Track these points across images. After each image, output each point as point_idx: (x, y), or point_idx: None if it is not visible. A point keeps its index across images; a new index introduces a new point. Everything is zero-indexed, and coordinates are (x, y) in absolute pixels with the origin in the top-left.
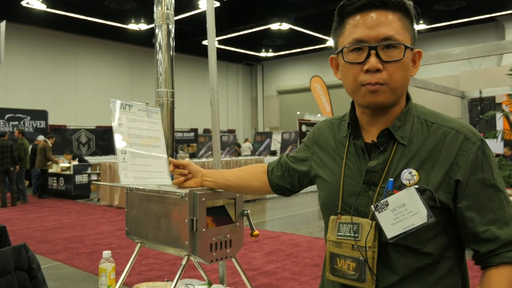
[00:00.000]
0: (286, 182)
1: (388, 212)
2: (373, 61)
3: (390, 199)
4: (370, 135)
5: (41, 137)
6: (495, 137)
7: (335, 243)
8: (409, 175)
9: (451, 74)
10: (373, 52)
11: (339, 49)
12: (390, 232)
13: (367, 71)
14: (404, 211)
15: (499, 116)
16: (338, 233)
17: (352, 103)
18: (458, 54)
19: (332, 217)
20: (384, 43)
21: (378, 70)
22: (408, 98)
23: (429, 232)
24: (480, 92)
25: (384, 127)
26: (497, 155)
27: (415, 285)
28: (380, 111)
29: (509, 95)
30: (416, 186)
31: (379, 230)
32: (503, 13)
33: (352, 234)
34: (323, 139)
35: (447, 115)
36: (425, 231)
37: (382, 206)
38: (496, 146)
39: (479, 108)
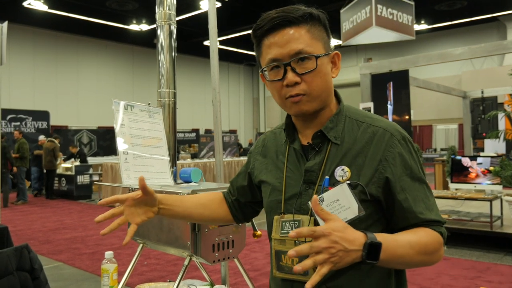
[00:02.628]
0: (246, 197)
1: (324, 207)
2: (290, 76)
3: (325, 195)
4: (306, 138)
5: (42, 137)
6: (497, 137)
7: (279, 241)
8: (341, 172)
9: (453, 74)
10: (288, 68)
11: (260, 69)
12: None
13: (287, 85)
14: (338, 206)
15: (501, 116)
16: (282, 231)
17: None
18: (460, 54)
19: (276, 216)
20: (297, 57)
21: (296, 83)
22: (339, 100)
23: (362, 224)
24: (482, 92)
25: (318, 129)
26: (499, 155)
27: (352, 272)
28: (309, 116)
29: (511, 95)
30: (348, 182)
31: (318, 225)
32: (505, 13)
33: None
34: (265, 148)
35: (376, 116)
36: (358, 223)
37: (319, 202)
38: (498, 146)
39: (481, 108)
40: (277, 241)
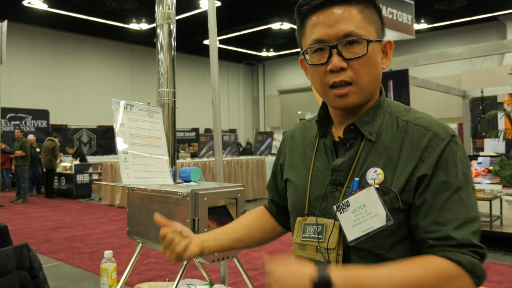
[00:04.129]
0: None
1: (349, 213)
2: (335, 60)
3: (351, 199)
4: (340, 133)
5: (31, 136)
6: (497, 136)
7: (300, 246)
8: (374, 174)
9: (452, 74)
10: (334, 51)
11: (302, 51)
12: (351, 234)
13: (332, 71)
14: (364, 213)
15: (500, 115)
16: (303, 235)
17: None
18: (460, 53)
19: (298, 218)
20: (345, 40)
21: (342, 69)
22: (381, 93)
23: (392, 237)
24: (482, 92)
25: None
26: (499, 155)
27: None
28: (352, 109)
29: (510, 94)
30: (377, 186)
31: (342, 230)
32: (505, 12)
33: (316, 236)
34: (293, 142)
35: (421, 112)
36: (387, 235)
37: (344, 207)
38: (498, 145)
39: (480, 107)
40: (298, 245)
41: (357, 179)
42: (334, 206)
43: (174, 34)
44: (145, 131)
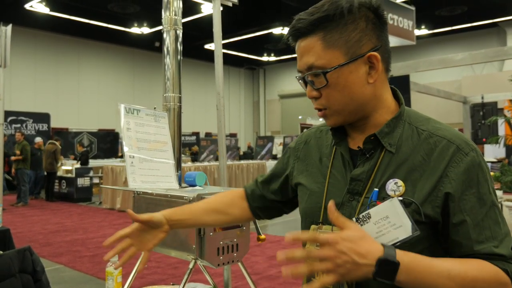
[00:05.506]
0: (276, 195)
1: (371, 225)
2: (308, 90)
3: (372, 211)
4: (356, 141)
5: (38, 139)
6: (498, 142)
7: None
8: (394, 185)
9: (452, 79)
10: (305, 81)
11: None
12: None
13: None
14: (387, 224)
15: (501, 121)
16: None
17: None
18: (461, 59)
19: (313, 226)
20: (309, 72)
21: (315, 97)
22: (400, 102)
23: (413, 249)
24: (482, 98)
25: (370, 133)
26: (499, 161)
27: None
28: (355, 123)
29: (511, 100)
30: (400, 198)
31: None
32: (505, 19)
33: None
34: (308, 147)
35: (441, 123)
36: (408, 247)
37: (364, 219)
38: (498, 151)
39: (481, 113)
40: None
41: (376, 189)
42: (354, 219)
43: (180, 40)
44: (152, 135)
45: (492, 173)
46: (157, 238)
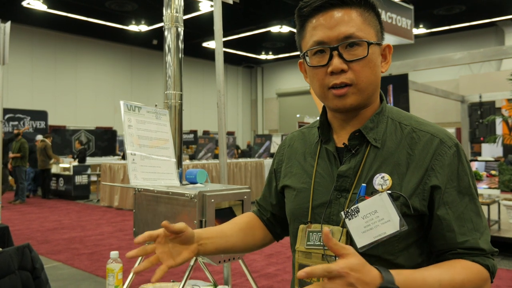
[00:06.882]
0: (281, 209)
1: (359, 219)
2: (336, 62)
3: (361, 205)
4: (342, 139)
5: (39, 137)
6: (495, 141)
7: (304, 254)
8: (381, 180)
9: (450, 79)
10: (335, 53)
11: (302, 53)
12: (360, 241)
13: (332, 73)
14: (375, 219)
15: (498, 121)
16: (308, 243)
17: (324, 107)
18: (459, 58)
19: (301, 226)
20: (346, 42)
21: (343, 71)
22: (381, 99)
23: (402, 242)
24: (480, 97)
25: (355, 129)
26: (497, 160)
27: None
28: (351, 113)
29: (508, 100)
30: (389, 192)
31: (351, 239)
32: (503, 18)
33: (321, 243)
34: (291, 150)
35: (422, 119)
36: (397, 240)
37: (353, 213)
38: (495, 150)
39: (478, 112)
40: (302, 253)
41: (364, 184)
42: (342, 213)
43: (181, 37)
44: (153, 133)
45: (493, 172)
46: (181, 257)
